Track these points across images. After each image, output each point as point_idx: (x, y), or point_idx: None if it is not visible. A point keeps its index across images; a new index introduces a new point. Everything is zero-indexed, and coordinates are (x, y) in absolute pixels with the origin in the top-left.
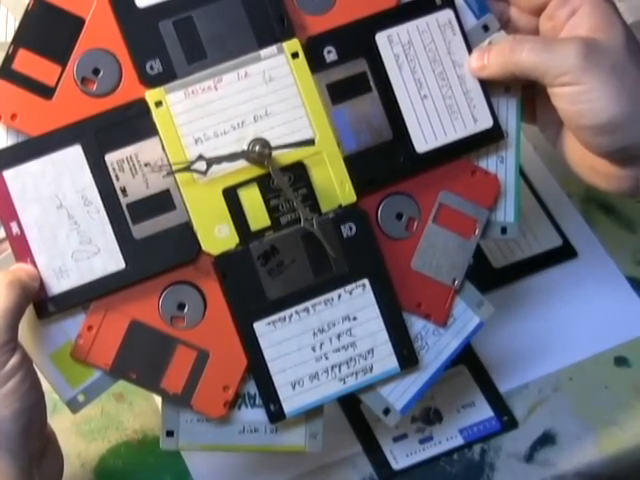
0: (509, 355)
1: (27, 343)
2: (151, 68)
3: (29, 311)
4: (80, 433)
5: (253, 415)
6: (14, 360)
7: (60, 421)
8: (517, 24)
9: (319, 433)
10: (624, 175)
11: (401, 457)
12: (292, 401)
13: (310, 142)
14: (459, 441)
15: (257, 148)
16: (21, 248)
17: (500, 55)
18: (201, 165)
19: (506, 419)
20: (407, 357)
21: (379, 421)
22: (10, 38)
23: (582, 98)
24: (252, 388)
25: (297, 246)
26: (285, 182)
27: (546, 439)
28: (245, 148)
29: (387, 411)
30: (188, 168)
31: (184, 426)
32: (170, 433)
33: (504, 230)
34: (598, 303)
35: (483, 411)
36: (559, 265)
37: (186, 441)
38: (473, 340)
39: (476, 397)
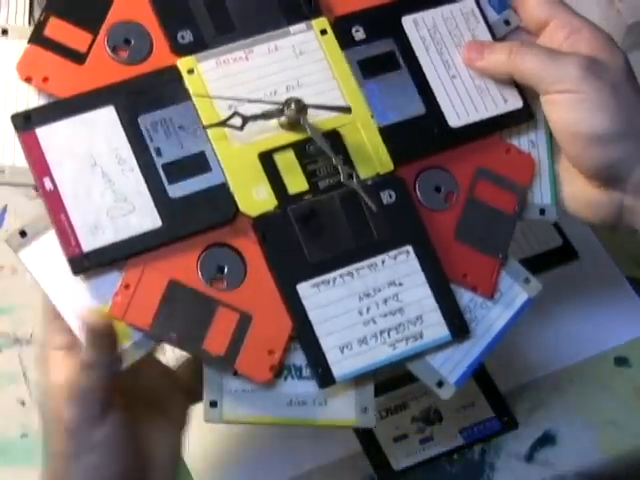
0: (509, 355)
1: (61, 303)
2: (182, 37)
3: (67, 271)
4: None
5: (300, 387)
6: (95, 438)
7: None
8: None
9: (370, 406)
10: (607, 202)
11: (401, 457)
12: (341, 365)
13: (347, 109)
14: (459, 441)
15: (293, 105)
16: (54, 204)
17: (503, 54)
18: (237, 121)
19: (506, 419)
20: (459, 326)
21: (380, 421)
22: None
23: (580, 106)
24: (298, 359)
25: (337, 210)
26: (322, 139)
27: (546, 439)
28: (281, 102)
29: (440, 384)
30: (224, 123)
31: (228, 396)
32: (214, 404)
33: (542, 212)
34: (598, 303)
35: (483, 411)
36: (560, 266)
37: (231, 412)
38: None
39: (476, 397)
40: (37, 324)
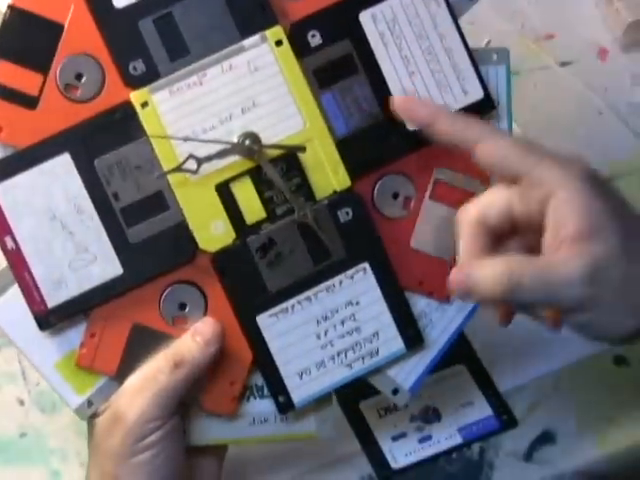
0: (508, 354)
1: (31, 353)
2: (134, 69)
3: (33, 321)
4: (80, 433)
5: (262, 406)
6: (153, 437)
7: (59, 420)
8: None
9: (329, 418)
10: None
11: (400, 456)
12: (300, 391)
13: (301, 149)
14: (458, 440)
15: (247, 142)
16: (17, 262)
17: (497, 283)
18: (192, 164)
19: (505, 418)
20: (412, 337)
21: (378, 420)
22: None
23: (594, 326)
24: (259, 379)
25: (294, 236)
26: (277, 175)
27: (545, 438)
28: (235, 142)
29: (396, 391)
30: (178, 169)
31: (194, 422)
32: None
33: None
34: None
35: (482, 410)
36: None
37: (197, 437)
38: (473, 339)
39: (475, 396)
40: None
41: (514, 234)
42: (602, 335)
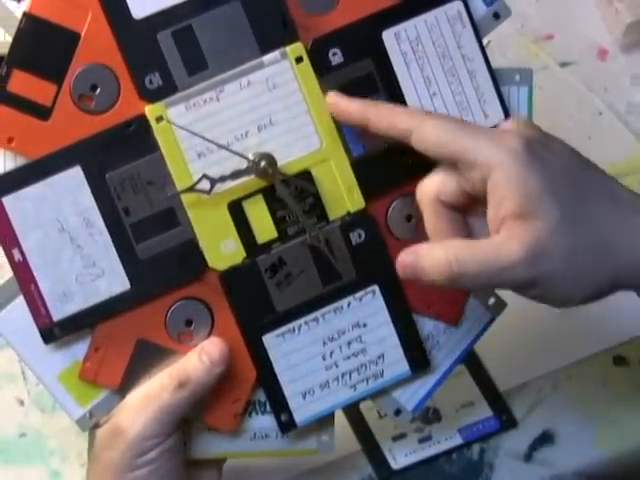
0: (508, 354)
1: (34, 364)
2: (150, 82)
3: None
4: (80, 433)
5: (264, 422)
6: (152, 454)
7: (60, 421)
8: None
9: (331, 435)
10: None
11: (400, 457)
12: (303, 410)
13: (313, 188)
14: (458, 440)
15: (262, 164)
16: (24, 274)
17: (441, 270)
18: (205, 184)
19: (505, 418)
20: (418, 360)
21: (378, 420)
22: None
23: (545, 298)
24: (262, 395)
25: (305, 257)
26: (290, 196)
27: (545, 438)
28: (249, 163)
29: (398, 412)
30: (192, 189)
31: (195, 435)
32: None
33: None
34: (597, 302)
35: (482, 410)
36: None
37: (198, 451)
38: None
39: (475, 396)
40: None
41: (479, 206)
42: (555, 304)
